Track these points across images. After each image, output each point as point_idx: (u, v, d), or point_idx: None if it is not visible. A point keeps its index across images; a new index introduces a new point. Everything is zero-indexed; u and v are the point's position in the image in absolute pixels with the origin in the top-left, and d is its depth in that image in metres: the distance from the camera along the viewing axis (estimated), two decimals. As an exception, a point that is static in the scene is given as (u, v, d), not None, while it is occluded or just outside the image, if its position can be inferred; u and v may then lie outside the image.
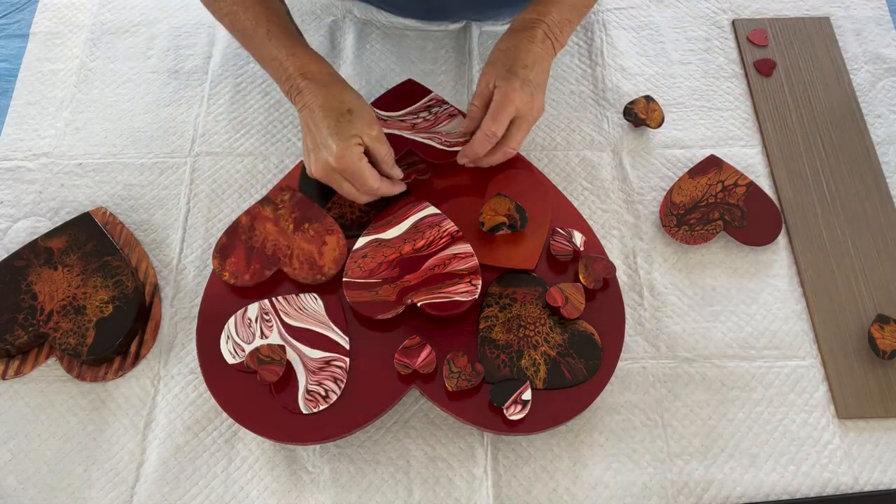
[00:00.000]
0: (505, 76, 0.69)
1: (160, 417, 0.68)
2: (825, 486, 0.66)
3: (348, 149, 0.65)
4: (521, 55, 0.70)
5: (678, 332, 0.72)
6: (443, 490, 0.65)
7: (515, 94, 0.68)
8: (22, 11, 0.95)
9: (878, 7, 0.94)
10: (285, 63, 0.70)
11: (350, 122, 0.66)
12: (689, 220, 0.77)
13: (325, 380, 0.64)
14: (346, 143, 0.65)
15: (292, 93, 0.70)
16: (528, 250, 0.71)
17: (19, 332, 0.69)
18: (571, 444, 0.67)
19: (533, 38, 0.71)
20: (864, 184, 0.80)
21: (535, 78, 0.69)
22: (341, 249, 0.70)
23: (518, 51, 0.70)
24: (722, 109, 0.86)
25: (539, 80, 0.70)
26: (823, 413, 0.69)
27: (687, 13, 0.94)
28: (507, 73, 0.69)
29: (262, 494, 0.65)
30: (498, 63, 0.70)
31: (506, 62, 0.70)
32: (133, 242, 0.77)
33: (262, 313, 0.68)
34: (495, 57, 0.71)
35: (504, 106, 0.68)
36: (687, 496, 0.65)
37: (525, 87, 0.68)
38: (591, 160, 0.82)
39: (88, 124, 0.86)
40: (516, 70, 0.69)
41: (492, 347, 0.66)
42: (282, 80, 0.71)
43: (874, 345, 0.70)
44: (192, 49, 0.91)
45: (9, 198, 0.81)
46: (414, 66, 0.89)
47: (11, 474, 0.66)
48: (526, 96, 0.68)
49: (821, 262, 0.76)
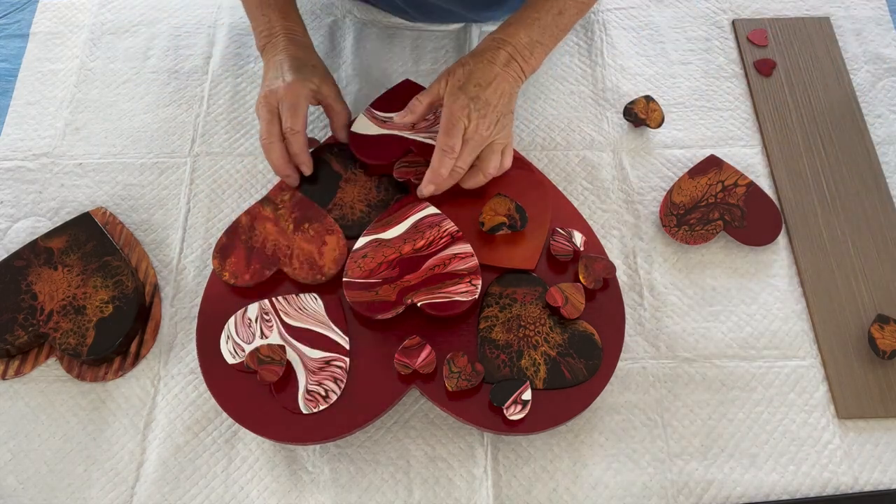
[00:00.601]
0: (452, 92, 0.67)
1: (160, 417, 0.68)
2: (825, 486, 0.66)
3: (302, 83, 0.71)
4: (477, 74, 0.68)
5: (678, 332, 0.72)
6: (443, 490, 0.65)
7: (460, 110, 0.66)
8: (22, 11, 0.96)
9: (878, 7, 0.94)
10: (275, 22, 0.75)
11: (312, 72, 0.73)
12: (689, 220, 0.77)
13: (325, 380, 0.64)
14: (302, 79, 0.71)
15: (269, 47, 0.74)
16: (528, 250, 0.71)
17: (19, 332, 0.69)
18: (571, 444, 0.67)
19: (494, 59, 0.69)
20: (864, 184, 0.80)
21: (487, 97, 0.67)
22: (341, 249, 0.70)
23: (475, 70, 0.68)
24: (722, 109, 0.86)
25: (492, 100, 0.67)
26: (823, 413, 0.69)
27: (687, 13, 0.94)
28: (457, 89, 0.67)
29: (262, 494, 0.65)
30: (453, 77, 0.69)
31: (460, 79, 0.68)
32: (133, 242, 0.77)
33: (262, 313, 0.68)
34: (454, 68, 0.70)
35: (452, 122, 0.67)
36: (687, 496, 0.65)
37: (474, 104, 0.67)
38: (591, 160, 0.82)
39: (88, 124, 0.86)
40: (467, 87, 0.67)
41: (492, 347, 0.66)
42: (264, 34, 0.75)
43: (874, 345, 0.70)
44: (192, 49, 0.91)
45: (9, 198, 0.81)
46: (414, 66, 0.89)
47: (11, 474, 0.66)
48: (474, 114, 0.67)
49: (821, 262, 0.76)
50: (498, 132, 0.69)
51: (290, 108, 0.70)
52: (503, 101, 0.69)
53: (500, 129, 0.69)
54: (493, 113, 0.68)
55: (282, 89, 0.70)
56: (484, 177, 0.71)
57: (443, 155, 0.68)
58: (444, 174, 0.68)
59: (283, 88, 0.70)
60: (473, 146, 0.68)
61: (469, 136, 0.67)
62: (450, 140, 0.67)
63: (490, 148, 0.70)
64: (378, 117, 0.78)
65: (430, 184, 0.69)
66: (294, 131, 0.71)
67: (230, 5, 0.95)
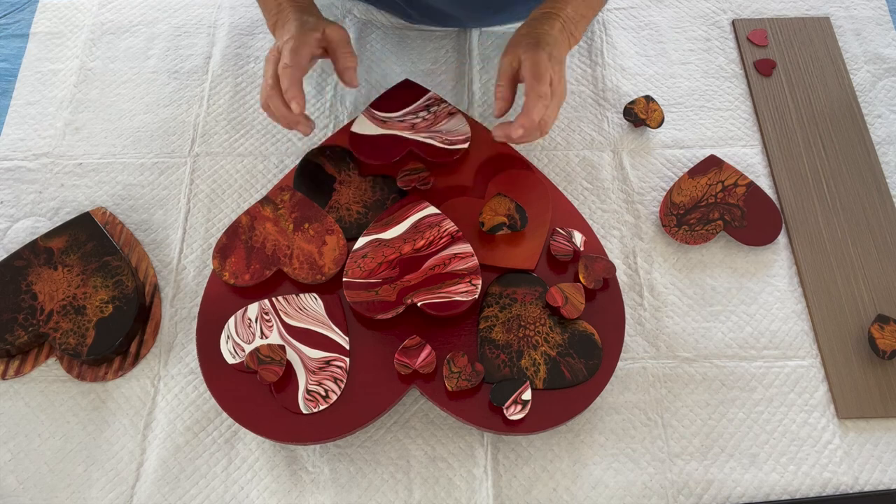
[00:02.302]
0: (532, 48, 0.69)
1: (160, 417, 0.68)
2: (825, 486, 0.66)
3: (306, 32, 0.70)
4: (545, 37, 0.70)
5: (678, 332, 0.72)
6: (443, 490, 0.65)
7: (545, 62, 0.68)
8: (22, 11, 0.96)
9: (878, 7, 0.94)
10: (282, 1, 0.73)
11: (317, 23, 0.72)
12: (689, 220, 0.77)
13: (325, 380, 0.64)
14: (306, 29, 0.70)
15: (279, 22, 0.73)
16: (528, 250, 0.71)
17: (19, 332, 0.69)
18: (571, 444, 0.67)
19: (553, 25, 0.72)
20: (864, 184, 0.80)
21: (559, 56, 0.70)
22: (341, 249, 0.70)
23: (540, 33, 0.71)
24: (722, 109, 0.86)
25: (561, 58, 0.70)
26: (823, 413, 0.69)
27: (687, 13, 0.94)
28: (534, 46, 0.69)
29: (262, 494, 0.65)
30: (521, 42, 0.70)
31: (530, 40, 0.70)
32: (133, 242, 0.77)
33: (262, 313, 0.68)
34: (517, 39, 0.72)
35: (540, 71, 0.68)
36: (687, 496, 0.65)
37: (552, 59, 0.69)
38: (591, 160, 0.82)
39: (88, 124, 0.86)
40: (541, 45, 0.69)
41: (492, 347, 0.66)
42: (273, 12, 0.74)
43: (874, 345, 0.70)
44: (192, 49, 0.91)
45: (9, 198, 0.81)
46: (414, 66, 0.89)
47: (11, 474, 0.66)
48: (556, 66, 0.68)
49: (821, 262, 0.76)
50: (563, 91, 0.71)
51: (291, 51, 0.68)
52: (563, 62, 0.71)
53: None
54: (563, 71, 0.70)
55: (284, 40, 0.69)
56: (541, 133, 0.71)
57: (537, 100, 0.68)
58: (536, 119, 0.68)
59: (287, 40, 0.69)
60: (557, 100, 0.69)
61: (554, 89, 0.69)
62: (542, 87, 0.68)
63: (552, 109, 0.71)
64: (378, 117, 0.78)
65: (520, 127, 0.69)
66: (286, 66, 0.68)
67: (230, 5, 0.95)
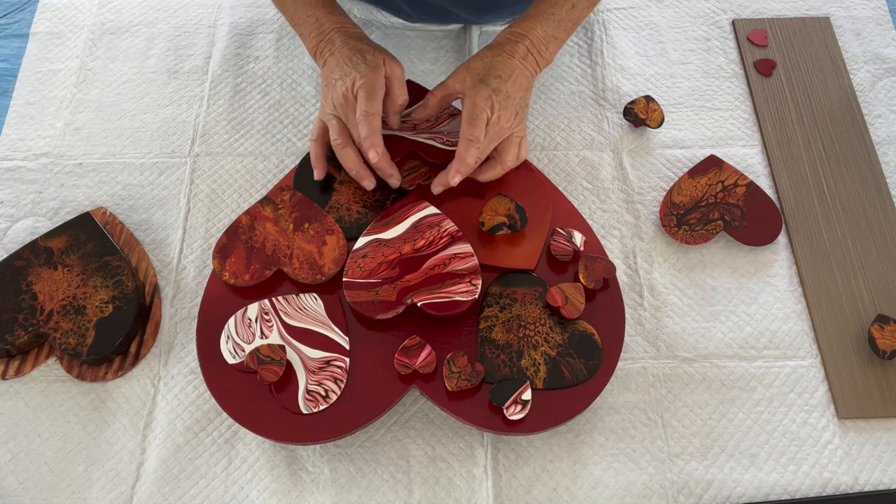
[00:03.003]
0: (475, 85, 0.68)
1: (160, 417, 0.68)
2: (825, 486, 0.66)
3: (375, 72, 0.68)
4: (497, 67, 0.69)
5: (678, 332, 0.72)
6: (443, 490, 0.65)
7: (483, 101, 0.67)
8: (22, 11, 0.96)
9: (878, 7, 0.94)
10: (322, 20, 0.73)
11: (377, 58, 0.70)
12: (689, 220, 0.77)
13: (325, 380, 0.64)
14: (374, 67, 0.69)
15: (323, 46, 0.72)
16: (528, 250, 0.71)
17: (19, 332, 0.69)
18: (571, 444, 0.67)
19: (514, 52, 0.70)
20: (864, 184, 0.80)
21: (507, 89, 0.68)
22: (341, 249, 0.70)
23: (495, 63, 0.70)
24: (722, 109, 0.86)
25: (512, 92, 0.69)
26: (823, 413, 0.69)
27: (687, 13, 0.94)
28: (479, 82, 0.68)
29: (262, 494, 0.65)
30: (472, 71, 0.70)
31: (480, 72, 0.69)
32: (133, 242, 0.77)
33: (262, 313, 0.68)
34: (471, 64, 0.71)
35: (476, 113, 0.67)
36: (687, 496, 0.65)
37: (496, 95, 0.68)
38: (591, 160, 0.82)
39: (88, 124, 0.86)
40: (488, 80, 0.68)
41: (492, 347, 0.66)
42: (314, 35, 0.73)
43: (874, 345, 0.70)
44: (192, 49, 0.91)
45: (9, 198, 0.81)
46: (414, 66, 0.89)
47: (11, 474, 0.66)
48: (496, 105, 0.67)
49: (821, 262, 0.76)
50: (517, 124, 0.70)
51: (367, 95, 0.68)
52: (521, 94, 0.70)
53: (519, 122, 0.71)
54: (513, 105, 0.69)
55: (360, 78, 0.68)
56: (502, 168, 0.72)
57: (469, 144, 0.68)
58: (472, 164, 0.69)
59: (362, 77, 0.68)
60: (493, 137, 0.69)
61: (490, 128, 0.68)
62: (475, 130, 0.67)
63: (509, 140, 0.71)
64: (378, 118, 0.78)
65: (456, 174, 0.69)
66: (368, 113, 0.68)
67: (230, 5, 0.95)
